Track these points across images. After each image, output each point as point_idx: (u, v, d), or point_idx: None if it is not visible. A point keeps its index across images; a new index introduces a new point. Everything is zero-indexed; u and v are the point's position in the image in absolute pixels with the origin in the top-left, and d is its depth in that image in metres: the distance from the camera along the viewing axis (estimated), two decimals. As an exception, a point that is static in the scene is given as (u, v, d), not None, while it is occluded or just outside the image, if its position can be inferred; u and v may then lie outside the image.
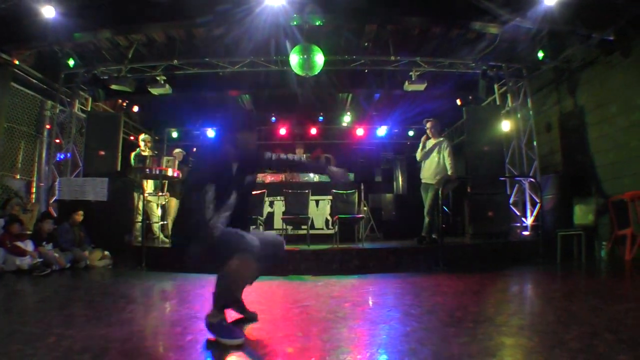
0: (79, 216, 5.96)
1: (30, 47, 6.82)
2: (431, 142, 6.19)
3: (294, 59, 6.28)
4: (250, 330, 2.34)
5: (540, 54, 6.66)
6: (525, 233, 7.00)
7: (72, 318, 2.63)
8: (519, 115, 7.52)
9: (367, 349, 1.94)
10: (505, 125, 7.49)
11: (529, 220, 7.07)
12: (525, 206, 7.22)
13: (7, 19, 6.18)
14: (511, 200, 7.25)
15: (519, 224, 7.21)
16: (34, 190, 7.55)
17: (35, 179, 7.58)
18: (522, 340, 2.05)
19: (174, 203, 7.21)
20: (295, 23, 6.32)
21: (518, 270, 5.05)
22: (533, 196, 7.08)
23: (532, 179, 6.93)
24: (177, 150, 7.76)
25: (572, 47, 6.46)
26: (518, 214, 7.25)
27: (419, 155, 6.18)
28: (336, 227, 6.01)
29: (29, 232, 5.73)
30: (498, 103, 7.81)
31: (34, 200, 7.42)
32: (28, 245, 5.21)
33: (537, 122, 7.41)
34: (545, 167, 7.24)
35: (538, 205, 6.75)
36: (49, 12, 5.89)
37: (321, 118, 10.62)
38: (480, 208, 6.68)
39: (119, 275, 5.02)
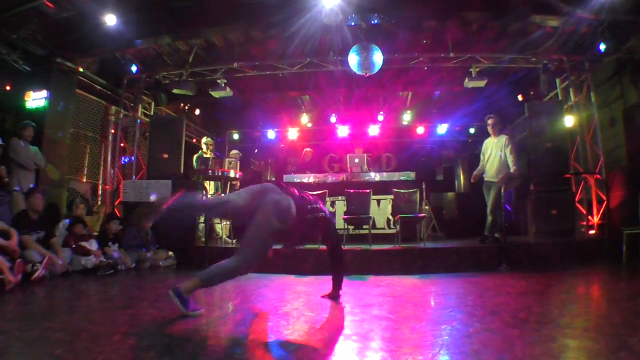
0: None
1: (93, 54, 7.06)
2: (492, 140, 6.12)
3: (353, 59, 6.27)
4: (311, 330, 2.36)
5: (603, 46, 6.42)
6: (592, 232, 6.78)
7: (136, 317, 2.67)
8: (582, 110, 7.26)
9: (429, 350, 1.92)
10: (569, 121, 7.24)
11: (595, 219, 6.83)
12: (590, 204, 6.97)
13: (70, 28, 6.44)
14: (576, 198, 7.02)
15: (585, 222, 6.97)
16: (99, 192, 7.89)
17: (100, 181, 7.91)
18: (587, 342, 2.02)
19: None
20: (352, 23, 6.34)
21: (582, 270, 4.94)
22: (599, 193, 6.85)
23: (598, 176, 6.70)
24: (234, 151, 7.93)
25: (635, 37, 6.19)
26: (584, 212, 7.02)
27: (480, 166, 6.23)
28: (398, 226, 6.02)
29: (95, 233, 5.93)
30: (560, 98, 7.56)
31: (99, 203, 7.78)
32: (92, 245, 5.32)
33: (601, 116, 7.10)
34: (610, 162, 6.92)
35: (604, 203, 6.53)
36: (110, 20, 6.10)
37: (381, 117, 10.54)
38: (543, 206, 6.50)
39: (183, 276, 5.03)
